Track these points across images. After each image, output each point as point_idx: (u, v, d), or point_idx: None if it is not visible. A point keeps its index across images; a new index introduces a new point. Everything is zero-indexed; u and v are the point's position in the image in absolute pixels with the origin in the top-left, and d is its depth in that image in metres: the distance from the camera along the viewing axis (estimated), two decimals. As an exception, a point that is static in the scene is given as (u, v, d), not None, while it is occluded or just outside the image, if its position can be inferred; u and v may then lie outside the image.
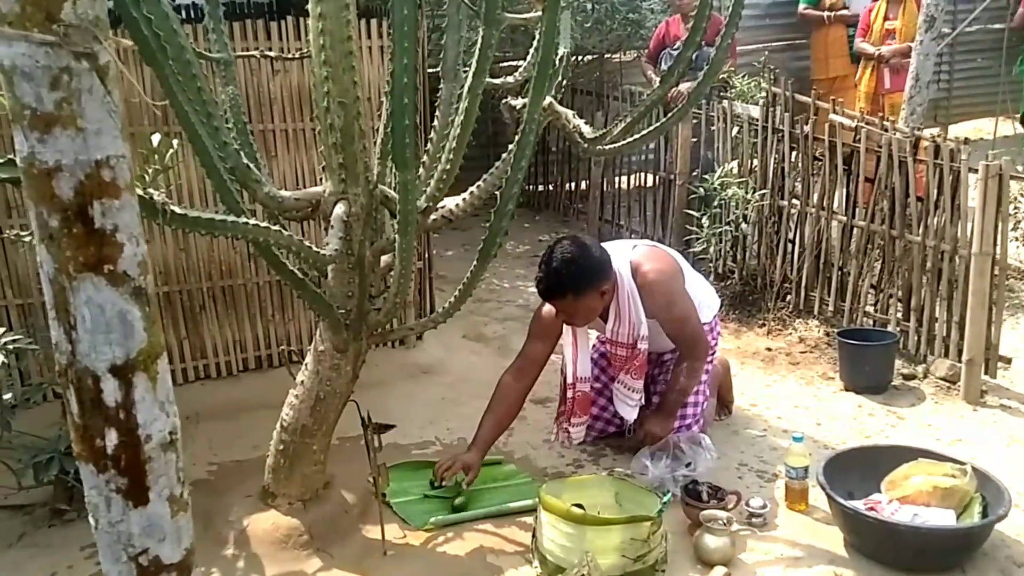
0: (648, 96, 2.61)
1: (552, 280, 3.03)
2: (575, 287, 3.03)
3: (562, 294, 3.05)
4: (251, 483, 3.03)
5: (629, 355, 3.23)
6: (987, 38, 8.12)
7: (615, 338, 3.23)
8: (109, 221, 1.11)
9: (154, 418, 1.19)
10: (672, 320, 3.16)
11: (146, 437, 1.18)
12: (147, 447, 1.18)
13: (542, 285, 3.07)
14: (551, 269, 3.02)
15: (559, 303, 3.10)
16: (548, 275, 3.03)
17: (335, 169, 2.65)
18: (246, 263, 3.80)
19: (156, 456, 1.19)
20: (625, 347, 3.23)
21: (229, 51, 2.78)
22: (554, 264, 3.02)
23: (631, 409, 3.30)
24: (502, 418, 3.23)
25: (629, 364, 3.25)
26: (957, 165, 3.80)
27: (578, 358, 3.27)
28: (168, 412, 1.21)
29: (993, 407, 3.69)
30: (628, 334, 3.19)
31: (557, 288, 3.04)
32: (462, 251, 5.90)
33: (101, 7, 1.04)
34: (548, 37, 2.37)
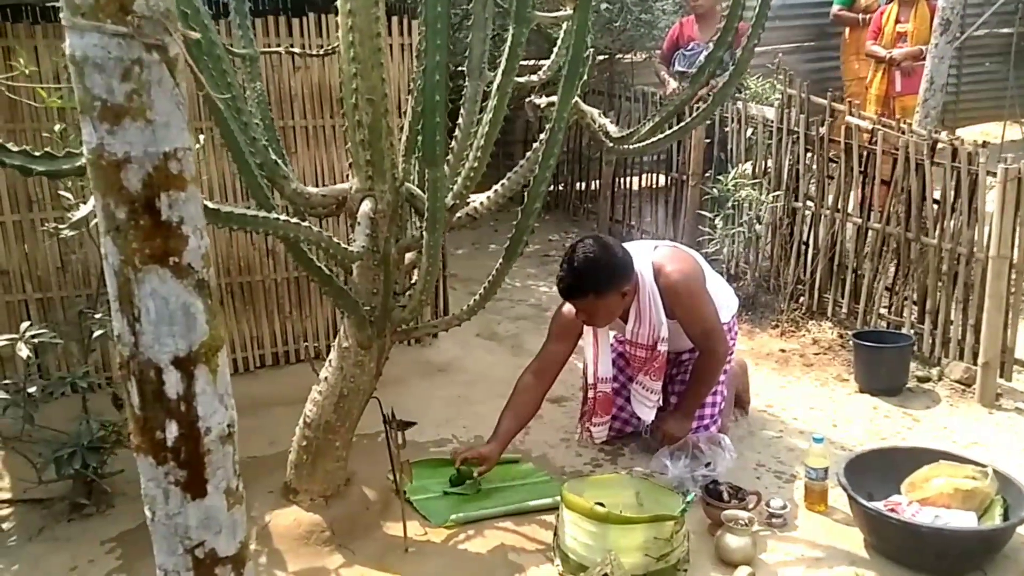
0: (678, 96, 2.62)
1: (573, 280, 3.03)
2: (596, 287, 3.03)
3: (583, 294, 3.05)
4: (271, 479, 3.03)
5: (648, 356, 3.23)
6: (995, 42, 8.15)
7: (635, 339, 3.23)
8: (175, 213, 1.11)
9: (214, 411, 1.19)
10: (694, 322, 3.17)
11: (206, 429, 1.18)
12: (207, 439, 1.18)
13: (563, 284, 3.07)
14: (573, 268, 3.02)
15: (580, 303, 3.10)
16: (569, 274, 3.03)
17: (362, 166, 2.66)
18: (264, 259, 3.80)
19: (215, 449, 1.20)
20: (645, 348, 3.23)
21: (254, 47, 2.78)
22: (576, 264, 3.02)
23: (649, 410, 3.31)
24: (521, 415, 3.23)
25: (648, 365, 3.25)
26: (975, 168, 3.80)
27: (599, 358, 3.28)
28: (227, 405, 1.21)
29: (1009, 410, 3.69)
30: (648, 335, 3.20)
31: (578, 288, 3.04)
32: (472, 249, 5.91)
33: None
34: (579, 36, 2.37)
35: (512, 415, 3.21)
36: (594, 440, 3.40)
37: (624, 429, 3.47)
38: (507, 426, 3.19)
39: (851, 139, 4.36)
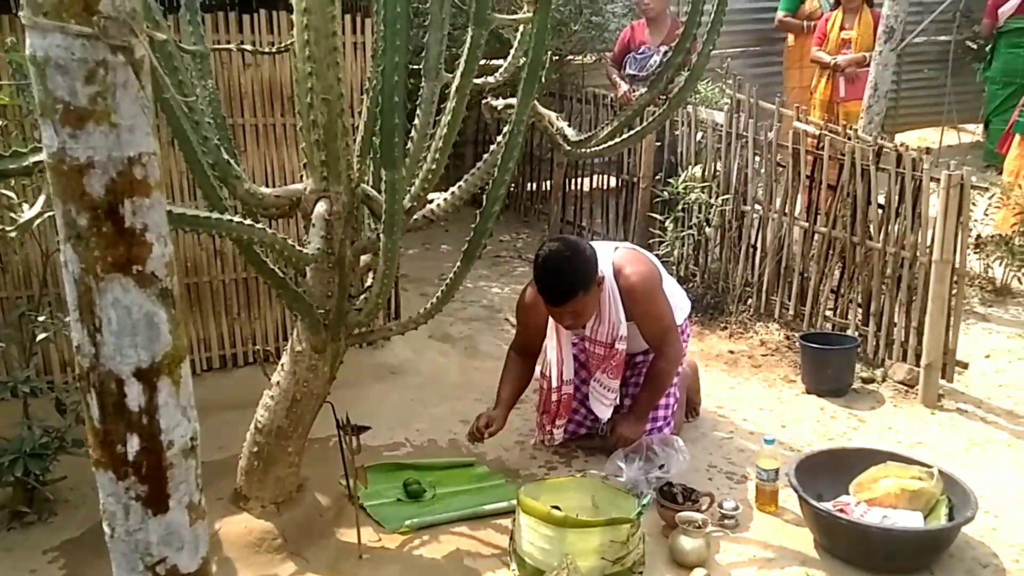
0: (636, 102, 2.63)
1: (563, 286, 3.01)
2: (584, 286, 3.03)
3: (574, 295, 3.03)
4: (220, 485, 2.96)
5: (607, 354, 3.24)
6: (933, 50, 8.36)
7: (594, 337, 3.24)
8: (139, 220, 1.07)
9: (176, 423, 1.15)
10: (651, 323, 3.20)
11: (168, 443, 1.14)
12: (169, 453, 1.14)
13: (554, 295, 3.04)
14: (557, 276, 3.01)
15: (570, 306, 3.06)
16: (557, 283, 3.02)
17: (317, 167, 2.61)
18: (212, 260, 3.72)
19: (177, 462, 1.16)
20: (603, 346, 3.24)
21: (205, 44, 2.72)
22: (557, 268, 3.01)
23: (606, 408, 3.32)
24: (517, 383, 3.39)
25: (606, 363, 3.26)
26: (919, 174, 3.89)
27: (563, 361, 3.28)
28: (189, 417, 1.17)
29: (950, 411, 3.79)
30: (607, 333, 3.21)
31: (569, 292, 3.03)
32: (423, 249, 5.87)
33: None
34: (539, 39, 2.36)
35: (509, 384, 3.36)
36: (553, 442, 3.39)
37: (578, 431, 3.48)
38: (507, 392, 3.34)
39: (798, 144, 4.43)
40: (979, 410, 3.79)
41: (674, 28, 5.48)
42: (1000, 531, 2.92)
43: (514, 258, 5.82)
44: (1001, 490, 3.14)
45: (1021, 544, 2.85)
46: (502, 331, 4.64)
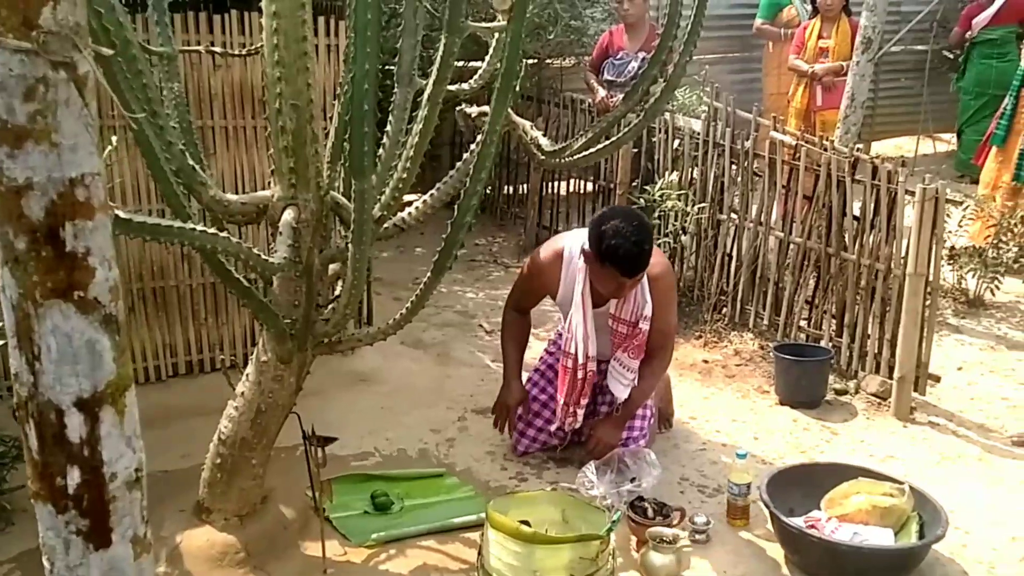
0: (612, 113, 2.59)
1: (644, 256, 3.03)
2: (651, 252, 3.10)
3: (647, 265, 3.08)
4: (183, 496, 2.90)
5: (630, 333, 3.24)
6: (910, 59, 8.40)
7: (619, 315, 3.24)
8: (81, 244, 1.02)
9: (120, 454, 1.10)
10: (662, 317, 3.26)
11: (111, 475, 1.09)
12: (112, 486, 1.09)
13: (636, 265, 3.02)
14: (640, 246, 3.00)
15: (639, 276, 3.09)
16: (640, 253, 3.01)
17: (285, 173, 2.56)
18: (179, 264, 3.65)
19: (121, 495, 1.11)
20: (627, 324, 3.24)
21: (173, 45, 2.65)
22: (641, 239, 3.01)
23: (624, 388, 3.29)
24: (521, 342, 3.48)
25: (628, 342, 3.25)
26: (894, 187, 3.89)
27: (588, 337, 3.25)
28: (134, 448, 1.12)
29: (922, 424, 3.79)
30: (632, 312, 3.22)
31: (647, 261, 3.07)
32: (397, 252, 5.80)
33: (82, 13, 0.95)
34: (513, 47, 2.32)
35: (514, 344, 3.44)
36: (574, 424, 3.37)
37: (550, 441, 3.44)
38: (516, 356, 3.43)
39: (775, 154, 4.41)
40: (951, 423, 3.79)
41: (653, 34, 5.46)
42: (970, 548, 2.91)
43: (490, 263, 5.78)
44: (971, 506, 3.13)
45: (991, 561, 2.85)
46: (476, 338, 4.60)
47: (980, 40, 7.44)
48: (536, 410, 3.42)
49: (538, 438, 3.41)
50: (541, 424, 3.41)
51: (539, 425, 3.41)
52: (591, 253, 3.09)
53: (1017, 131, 5.72)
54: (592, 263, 3.10)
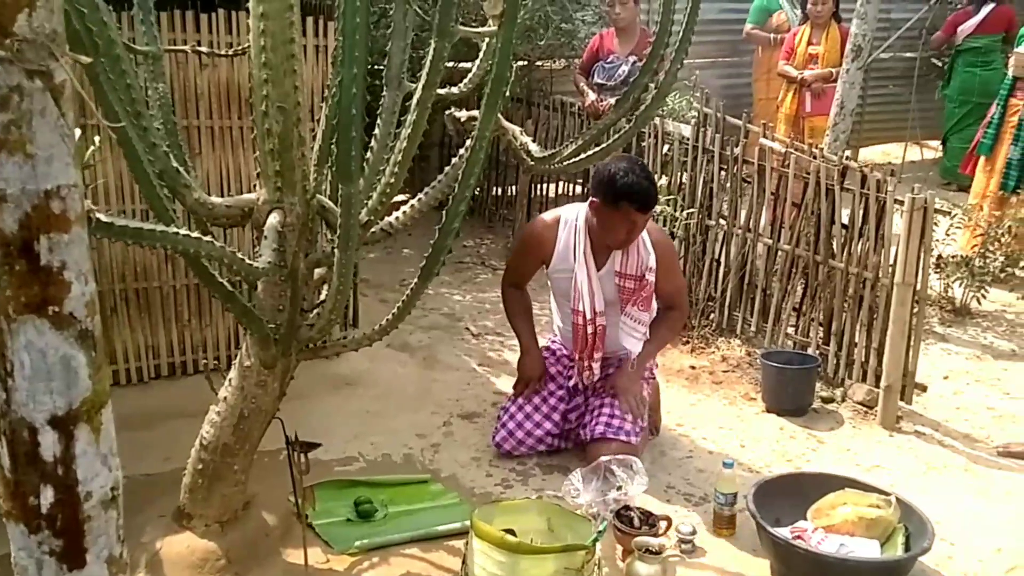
0: (603, 119, 2.57)
1: (655, 189, 3.26)
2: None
3: (656, 201, 3.32)
4: (164, 501, 2.86)
5: (637, 287, 3.36)
6: (899, 66, 8.42)
7: (624, 270, 3.36)
8: (56, 258, 0.99)
9: (95, 473, 1.07)
10: (671, 277, 3.45)
11: (86, 494, 1.06)
12: (86, 505, 1.06)
13: (650, 197, 3.21)
14: (648, 179, 3.22)
15: (650, 214, 3.29)
16: (650, 185, 3.22)
17: (271, 176, 2.52)
18: (163, 265, 3.61)
19: (96, 515, 1.08)
20: (634, 279, 3.36)
21: (158, 44, 2.61)
22: (646, 174, 3.23)
23: (636, 341, 3.42)
24: (528, 313, 3.58)
25: (636, 295, 3.36)
26: (883, 195, 3.88)
27: (594, 293, 3.35)
28: (110, 466, 1.09)
29: (908, 433, 3.78)
30: (637, 266, 3.34)
31: (657, 196, 3.30)
32: (384, 253, 5.77)
33: (59, 20, 0.92)
34: (504, 53, 2.29)
35: (527, 317, 3.56)
36: (592, 377, 3.46)
37: (537, 447, 3.42)
38: (527, 327, 3.54)
39: (764, 160, 4.40)
40: (936, 433, 3.79)
41: (644, 38, 5.44)
42: (956, 559, 2.91)
43: (477, 264, 5.75)
44: (957, 517, 3.13)
45: (976, 573, 2.85)
46: (462, 340, 4.57)
47: (965, 48, 7.48)
48: (528, 412, 3.41)
49: (526, 441, 3.38)
50: (530, 427, 3.39)
51: (528, 428, 3.39)
52: (600, 200, 3.22)
53: (1004, 140, 5.74)
54: (603, 210, 3.23)
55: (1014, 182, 5.62)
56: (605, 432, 3.30)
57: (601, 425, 3.32)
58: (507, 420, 3.42)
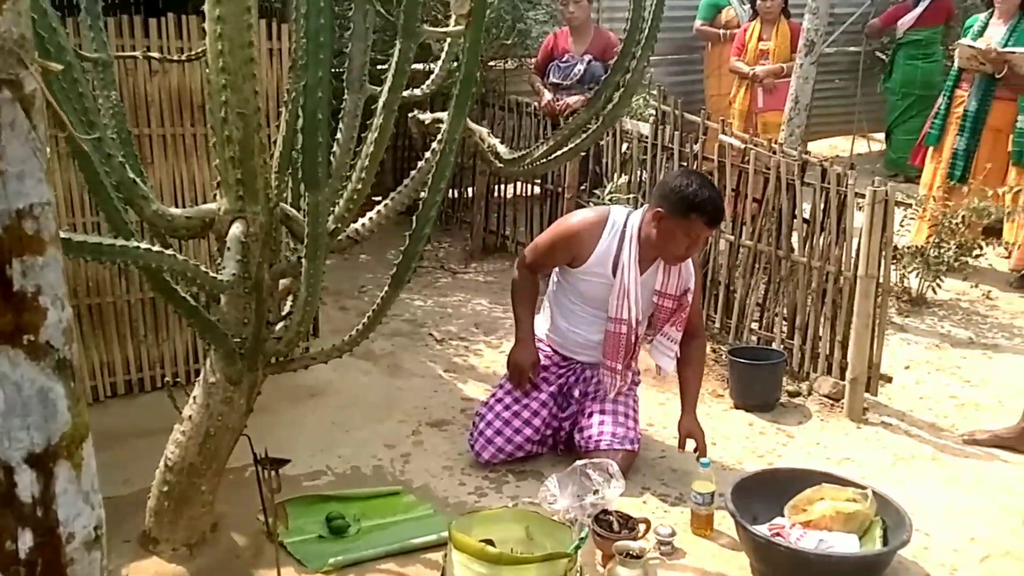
0: (573, 120, 2.53)
1: (724, 208, 3.29)
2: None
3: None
4: (128, 525, 2.75)
5: (676, 307, 3.34)
6: (844, 60, 8.53)
7: (664, 290, 3.33)
8: (31, 282, 0.91)
9: (77, 512, 0.99)
10: (699, 292, 3.45)
11: (68, 536, 0.98)
12: (69, 547, 0.98)
13: (719, 212, 3.20)
14: (717, 193, 3.22)
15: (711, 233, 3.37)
16: (722, 204, 3.26)
17: (232, 185, 2.44)
18: (116, 279, 3.48)
19: (79, 557, 1.00)
20: (673, 299, 3.33)
21: (108, 51, 2.51)
22: (714, 188, 3.23)
23: (670, 360, 3.43)
24: (533, 302, 3.43)
25: (675, 316, 3.35)
26: (843, 189, 3.91)
27: (639, 302, 3.30)
28: (93, 503, 1.02)
29: (875, 424, 3.81)
30: (677, 286, 3.32)
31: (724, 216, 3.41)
32: (341, 260, 5.65)
33: (27, 24, 0.85)
34: (472, 53, 2.25)
35: (527, 305, 3.40)
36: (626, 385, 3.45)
37: (515, 454, 3.36)
38: (528, 317, 3.40)
39: (723, 157, 4.41)
40: (903, 423, 3.82)
41: (598, 36, 5.42)
42: (932, 550, 2.92)
43: (437, 269, 5.68)
44: (929, 507, 3.15)
45: (952, 564, 2.86)
46: (426, 347, 4.50)
47: (906, 41, 7.59)
48: (507, 418, 3.34)
49: (505, 448, 3.32)
50: (510, 434, 3.33)
51: (508, 435, 3.32)
52: (668, 210, 3.13)
53: (950, 131, 5.84)
54: (669, 220, 3.14)
55: (960, 172, 5.72)
56: (612, 443, 3.28)
57: (608, 436, 3.29)
58: (484, 427, 3.34)
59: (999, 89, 5.60)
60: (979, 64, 5.53)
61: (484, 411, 3.41)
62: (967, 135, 5.73)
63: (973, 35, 5.65)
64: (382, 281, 5.24)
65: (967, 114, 5.71)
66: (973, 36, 5.64)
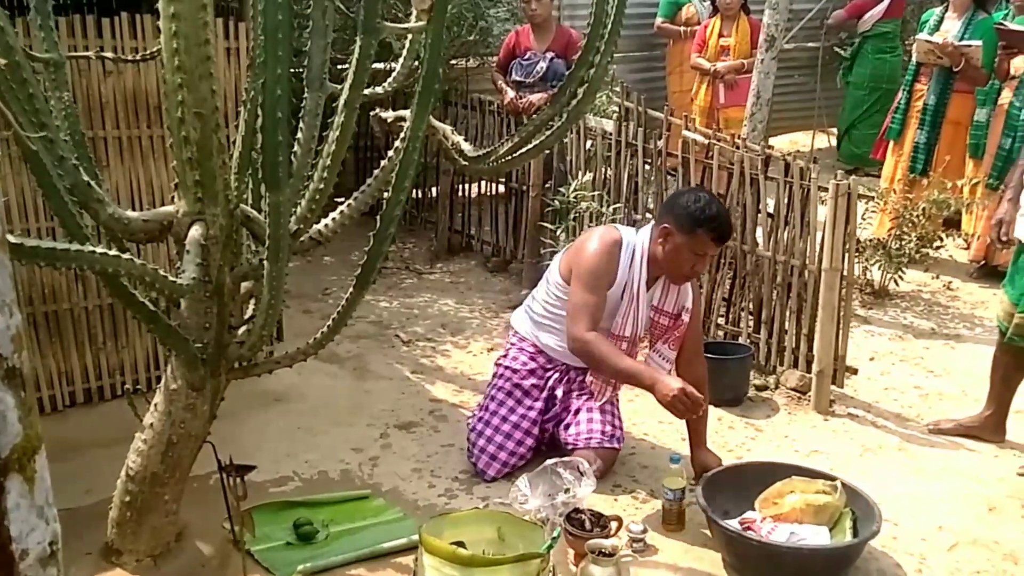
0: (537, 116, 2.51)
1: (731, 226, 3.26)
2: None
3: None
4: (89, 537, 2.69)
5: (672, 325, 3.32)
6: (803, 55, 8.59)
7: (662, 307, 3.30)
8: (-25, 288, 0.87)
9: (31, 528, 0.95)
10: (699, 316, 3.44)
11: (21, 553, 0.94)
12: (23, 565, 0.94)
13: (727, 229, 3.18)
14: (728, 216, 3.20)
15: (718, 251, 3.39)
16: (729, 221, 3.23)
17: (190, 187, 2.38)
18: (72, 285, 3.40)
19: (34, 574, 0.95)
20: (670, 316, 3.31)
21: (59, 51, 2.44)
22: (723, 208, 3.20)
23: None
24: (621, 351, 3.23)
25: (669, 334, 3.32)
26: (807, 183, 3.93)
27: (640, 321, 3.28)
28: (47, 518, 0.97)
29: (842, 416, 3.83)
30: (675, 304, 3.30)
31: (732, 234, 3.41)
32: (304, 262, 5.59)
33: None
34: (434, 49, 2.22)
35: (624, 356, 3.20)
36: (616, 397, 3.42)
37: (517, 464, 3.30)
38: (638, 363, 3.24)
39: (688, 153, 4.41)
40: (869, 415, 3.86)
41: (560, 34, 5.41)
42: (900, 540, 2.94)
43: (402, 270, 5.63)
44: (897, 498, 3.17)
45: (921, 552, 2.88)
46: (393, 348, 4.46)
47: (873, 34, 7.65)
48: (507, 431, 3.30)
49: (509, 462, 3.28)
50: (512, 446, 3.30)
51: (511, 448, 3.29)
52: (674, 225, 3.11)
53: (911, 124, 5.90)
54: (676, 237, 3.11)
55: (922, 165, 5.79)
56: (602, 441, 3.27)
57: (597, 433, 3.28)
58: (485, 444, 3.28)
59: (957, 82, 5.67)
60: (936, 58, 5.60)
61: (480, 427, 3.33)
62: (927, 128, 5.80)
63: (929, 29, 5.72)
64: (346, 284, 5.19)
65: (927, 107, 5.78)
66: (929, 31, 5.71)
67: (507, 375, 3.40)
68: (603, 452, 3.24)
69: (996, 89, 5.51)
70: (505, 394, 3.37)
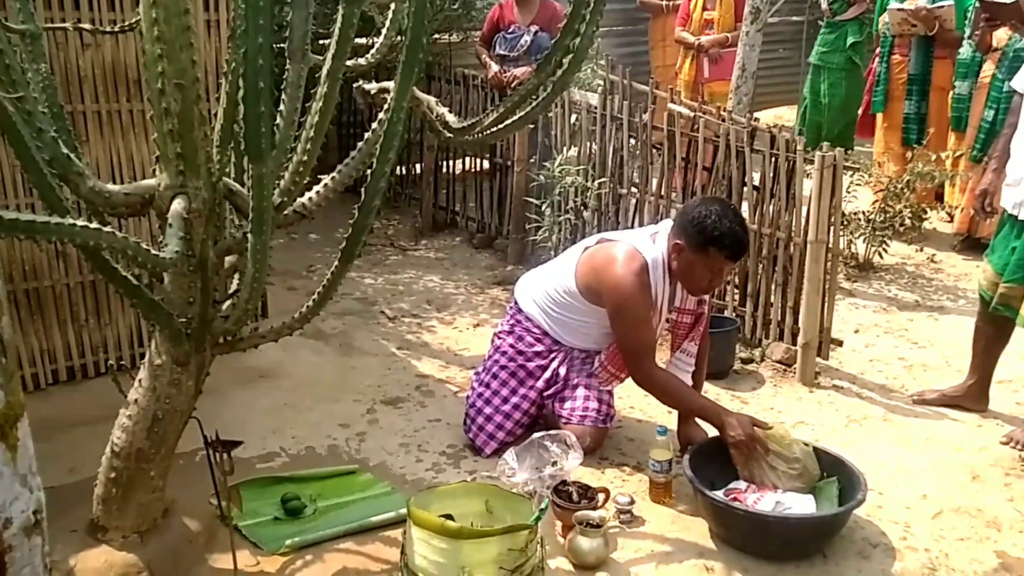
0: (524, 86, 2.48)
1: (747, 239, 3.06)
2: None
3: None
4: (74, 514, 2.66)
5: (694, 321, 3.31)
6: (788, 29, 8.61)
7: (683, 306, 3.29)
8: (-48, 251, 0.85)
9: (15, 496, 0.93)
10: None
11: (5, 521, 0.92)
12: (7, 534, 0.93)
13: (742, 245, 3.02)
14: (743, 228, 3.02)
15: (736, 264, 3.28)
16: (744, 234, 3.02)
17: (171, 159, 2.34)
18: (53, 262, 3.36)
19: (18, 543, 0.94)
20: (691, 314, 3.30)
21: (36, 22, 2.39)
22: (741, 221, 3.04)
23: (687, 374, 3.34)
24: (688, 385, 3.28)
25: (694, 331, 3.32)
26: (792, 155, 3.92)
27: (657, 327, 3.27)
28: (31, 487, 0.96)
29: (827, 388, 3.86)
30: (696, 300, 3.29)
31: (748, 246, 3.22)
32: (288, 238, 5.57)
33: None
34: (418, 18, 2.19)
35: (691, 389, 3.26)
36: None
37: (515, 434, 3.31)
38: (704, 398, 3.25)
39: (673, 126, 4.40)
40: (854, 386, 3.88)
41: (544, 7, 5.37)
42: (885, 508, 2.96)
43: (386, 246, 5.61)
44: (882, 467, 3.19)
45: (906, 521, 2.91)
46: (378, 325, 4.45)
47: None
48: (507, 412, 3.30)
49: (507, 441, 3.28)
50: (511, 427, 3.30)
51: (509, 428, 3.29)
52: (686, 243, 3.01)
53: (896, 96, 5.91)
54: (688, 254, 3.02)
55: (915, 135, 5.81)
56: (596, 421, 3.27)
57: (592, 412, 3.27)
58: (484, 422, 3.28)
59: (937, 48, 5.69)
60: (911, 27, 5.60)
61: (480, 404, 3.32)
62: (916, 97, 5.83)
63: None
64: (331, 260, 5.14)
65: (913, 78, 5.80)
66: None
67: (511, 354, 3.36)
68: (593, 431, 3.25)
69: (978, 62, 5.51)
70: (509, 374, 3.34)
